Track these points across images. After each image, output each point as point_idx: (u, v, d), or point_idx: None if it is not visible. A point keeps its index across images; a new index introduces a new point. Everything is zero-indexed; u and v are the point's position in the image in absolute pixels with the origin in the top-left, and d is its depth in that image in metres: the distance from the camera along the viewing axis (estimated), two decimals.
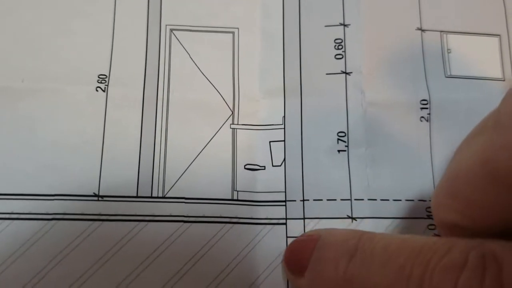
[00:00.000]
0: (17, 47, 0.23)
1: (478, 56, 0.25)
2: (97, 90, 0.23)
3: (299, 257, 0.20)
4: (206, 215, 0.22)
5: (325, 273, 0.18)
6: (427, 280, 0.14)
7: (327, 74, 0.24)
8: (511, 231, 0.15)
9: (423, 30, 0.25)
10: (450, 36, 0.25)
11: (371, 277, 0.16)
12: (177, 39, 0.24)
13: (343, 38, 0.24)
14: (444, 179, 0.17)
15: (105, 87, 0.23)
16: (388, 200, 0.22)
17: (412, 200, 0.22)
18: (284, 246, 0.22)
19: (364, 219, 0.22)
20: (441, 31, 0.25)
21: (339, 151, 0.23)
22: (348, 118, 0.23)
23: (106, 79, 0.23)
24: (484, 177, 0.14)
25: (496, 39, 0.25)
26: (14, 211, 0.21)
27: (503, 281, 0.13)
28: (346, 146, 0.23)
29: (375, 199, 0.22)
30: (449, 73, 0.25)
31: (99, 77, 0.23)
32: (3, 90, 0.23)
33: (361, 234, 0.18)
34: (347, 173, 0.23)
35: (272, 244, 0.22)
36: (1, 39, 0.23)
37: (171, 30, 0.24)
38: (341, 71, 0.24)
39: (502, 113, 0.14)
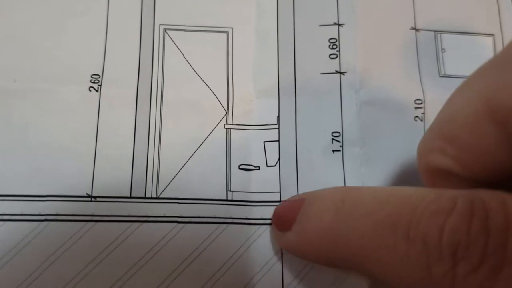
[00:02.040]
0: (8, 47, 0.23)
1: (472, 55, 0.25)
2: (90, 90, 0.23)
3: (287, 216, 0.20)
4: (200, 216, 0.22)
5: (311, 225, 0.18)
6: (414, 226, 0.14)
7: (321, 73, 0.24)
8: (503, 180, 0.15)
9: (417, 30, 0.25)
10: (444, 35, 0.25)
11: (358, 226, 0.16)
12: (171, 38, 0.24)
13: (337, 38, 0.24)
14: (435, 123, 0.16)
15: (98, 87, 0.23)
16: None
17: None
18: (278, 247, 0.22)
19: None
20: (435, 31, 0.25)
21: (333, 151, 0.23)
22: (343, 117, 0.23)
23: (99, 79, 0.23)
24: (485, 118, 0.14)
25: (490, 38, 0.25)
26: (6, 212, 0.21)
27: (489, 227, 0.13)
28: (340, 146, 0.23)
29: None
30: (443, 73, 0.25)
31: (92, 77, 0.23)
32: None
33: (348, 188, 0.18)
34: (342, 173, 0.23)
35: (266, 244, 0.22)
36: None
37: (165, 29, 0.24)
38: (336, 70, 0.24)
39: (505, 54, 0.14)
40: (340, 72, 0.24)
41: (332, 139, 0.23)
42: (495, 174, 0.15)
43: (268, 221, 0.22)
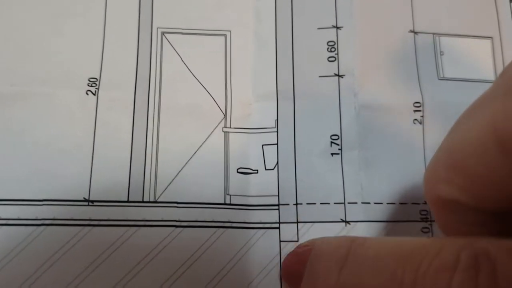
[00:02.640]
0: (5, 50, 0.23)
1: (470, 58, 0.25)
2: (87, 94, 0.23)
3: (295, 270, 0.20)
4: (198, 220, 0.22)
5: (318, 285, 0.18)
6: (420, 284, 0.14)
7: (320, 76, 0.24)
8: None
9: (415, 33, 0.25)
10: (443, 38, 0.25)
11: (363, 285, 0.16)
12: (169, 42, 0.24)
13: (335, 41, 0.25)
14: (441, 152, 0.16)
15: (95, 91, 0.23)
16: (381, 203, 0.23)
17: (406, 203, 0.23)
18: (277, 250, 0.22)
19: (358, 223, 0.22)
20: (433, 33, 0.25)
21: (332, 154, 0.23)
22: (341, 120, 0.24)
23: (97, 82, 0.23)
24: (492, 148, 0.14)
25: (488, 41, 0.26)
26: (2, 217, 0.21)
27: (498, 281, 0.13)
28: (339, 149, 0.23)
29: (369, 203, 0.22)
30: (442, 75, 0.25)
31: (89, 80, 0.23)
32: None
33: (352, 241, 0.17)
34: (341, 176, 0.23)
35: (265, 248, 0.22)
36: None
37: (163, 33, 0.24)
38: (334, 73, 0.24)
39: (509, 77, 0.14)
40: (338, 75, 0.24)
41: (331, 142, 0.23)
42: (504, 204, 0.15)
43: (267, 225, 0.22)
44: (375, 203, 0.22)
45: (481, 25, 0.26)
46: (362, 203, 0.22)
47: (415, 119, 0.24)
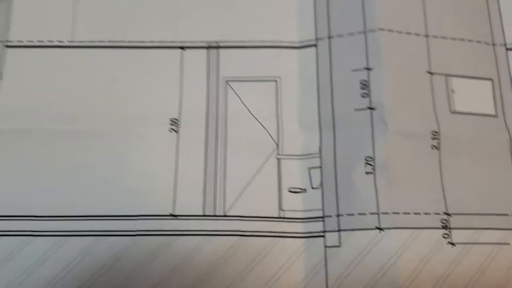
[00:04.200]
0: (103, 98, 0.28)
1: (476, 95, 0.28)
2: (170, 131, 0.28)
3: None
4: (258, 230, 0.26)
5: None
6: None
7: (355, 110, 0.27)
8: None
9: (431, 73, 0.28)
10: (453, 79, 0.28)
11: None
12: (232, 88, 0.29)
13: (367, 79, 0.28)
14: None
15: (177, 128, 0.28)
16: (409, 213, 0.26)
17: (429, 213, 0.26)
18: (322, 255, 0.25)
19: (390, 230, 0.25)
20: (446, 75, 0.28)
21: (367, 173, 0.26)
22: (374, 145, 0.27)
23: (178, 122, 0.28)
24: None
25: (489, 82, 0.29)
26: (106, 229, 0.26)
27: None
28: (373, 168, 0.26)
29: (398, 213, 0.25)
30: (453, 109, 0.28)
31: (171, 120, 0.28)
32: (98, 133, 0.28)
33: None
34: (374, 191, 0.26)
35: (313, 253, 0.26)
36: (89, 91, 0.28)
37: (227, 81, 0.29)
38: (367, 107, 0.27)
39: None
40: (371, 108, 0.27)
41: (366, 163, 0.26)
42: None
43: (314, 234, 0.26)
44: (403, 213, 0.25)
45: (483, 69, 0.29)
46: (393, 213, 0.25)
47: (433, 145, 0.27)
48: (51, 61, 0.29)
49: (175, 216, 0.26)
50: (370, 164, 0.26)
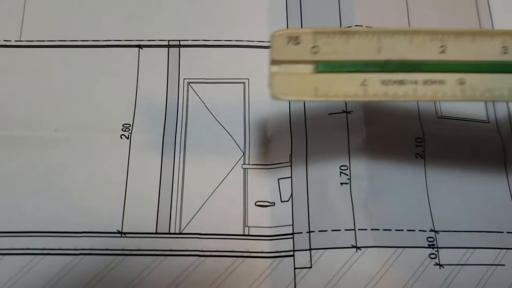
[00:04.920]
0: (51, 101, 0.26)
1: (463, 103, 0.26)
2: (121, 138, 0.26)
3: None
4: (219, 250, 0.23)
5: None
6: None
7: (329, 114, 0.26)
8: None
9: None
10: None
11: None
12: (194, 90, 0.27)
13: None
14: None
15: (128, 135, 0.26)
16: (390, 230, 0.23)
17: (413, 230, 0.23)
18: (292, 277, 0.23)
19: (368, 248, 0.23)
20: None
21: (342, 183, 0.24)
22: (350, 152, 0.25)
23: (130, 128, 0.26)
24: None
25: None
26: (46, 247, 0.23)
27: None
28: (348, 179, 0.24)
29: (378, 229, 0.23)
30: (440, 114, 0.26)
31: (123, 126, 0.26)
32: (38, 139, 0.25)
33: None
34: (350, 205, 0.24)
35: (281, 275, 0.23)
36: (37, 94, 0.26)
37: (189, 83, 0.27)
38: (342, 110, 0.26)
39: None
40: (346, 112, 0.26)
41: (340, 172, 0.25)
42: None
43: (283, 254, 0.23)
44: (384, 229, 0.23)
45: None
46: (372, 229, 0.23)
47: (417, 153, 0.25)
48: None
49: (124, 233, 0.24)
50: (346, 174, 0.25)
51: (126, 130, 0.26)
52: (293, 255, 0.23)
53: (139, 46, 0.27)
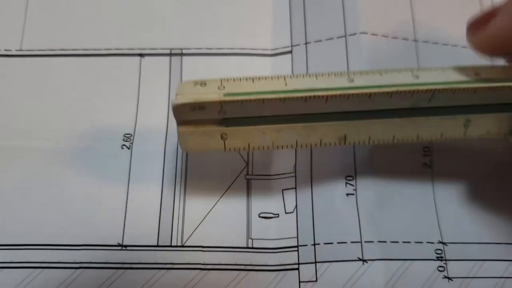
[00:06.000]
0: (52, 111, 0.26)
1: None
2: (122, 148, 0.25)
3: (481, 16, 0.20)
4: (222, 263, 0.23)
5: None
6: None
7: None
8: None
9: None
10: None
11: None
12: None
13: None
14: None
15: (129, 145, 0.25)
16: (397, 242, 0.23)
17: (421, 242, 0.23)
18: None
19: (375, 261, 0.22)
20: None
21: (347, 194, 0.24)
22: (356, 162, 0.24)
23: (131, 138, 0.25)
24: None
25: None
26: (45, 260, 0.23)
27: None
28: (354, 189, 0.24)
29: (385, 241, 0.23)
30: None
31: (124, 136, 0.25)
32: (38, 150, 0.25)
33: None
34: (356, 216, 0.23)
35: None
36: (37, 104, 0.26)
37: None
38: None
39: None
40: None
41: (346, 182, 0.24)
42: None
43: (287, 267, 0.23)
44: (391, 241, 0.23)
45: None
46: (379, 241, 0.22)
47: (425, 163, 0.24)
48: None
49: (124, 246, 0.23)
50: (351, 184, 0.24)
51: (127, 140, 0.25)
52: (298, 268, 0.23)
53: (141, 55, 0.27)
